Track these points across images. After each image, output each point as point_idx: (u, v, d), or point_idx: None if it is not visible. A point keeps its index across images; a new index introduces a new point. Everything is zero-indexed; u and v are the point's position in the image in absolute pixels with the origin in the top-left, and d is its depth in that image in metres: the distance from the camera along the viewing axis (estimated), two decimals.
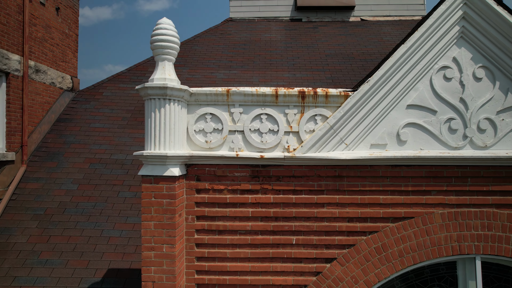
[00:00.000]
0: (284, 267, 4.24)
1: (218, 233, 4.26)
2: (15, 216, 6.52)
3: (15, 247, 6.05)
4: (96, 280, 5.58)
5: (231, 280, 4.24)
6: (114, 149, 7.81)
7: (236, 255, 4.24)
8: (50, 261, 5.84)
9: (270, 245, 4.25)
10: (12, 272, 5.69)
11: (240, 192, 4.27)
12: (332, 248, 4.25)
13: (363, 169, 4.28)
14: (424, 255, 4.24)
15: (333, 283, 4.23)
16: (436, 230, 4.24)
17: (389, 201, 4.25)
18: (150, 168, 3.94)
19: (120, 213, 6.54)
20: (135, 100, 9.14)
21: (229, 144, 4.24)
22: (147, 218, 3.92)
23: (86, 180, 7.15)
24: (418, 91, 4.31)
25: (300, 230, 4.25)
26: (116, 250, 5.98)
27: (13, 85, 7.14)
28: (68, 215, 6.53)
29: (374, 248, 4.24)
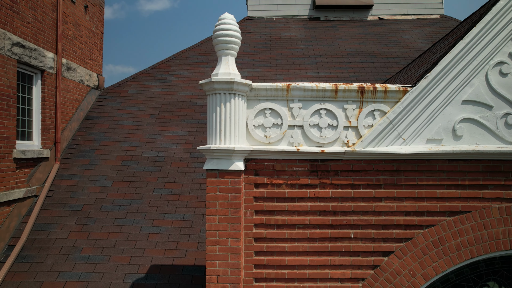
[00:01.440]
0: (342, 260, 4.27)
1: (277, 227, 4.28)
2: (53, 213, 6.53)
3: (56, 243, 6.06)
4: (140, 276, 5.60)
5: (289, 274, 4.26)
6: (144, 146, 7.83)
7: (294, 249, 4.27)
8: (92, 257, 5.86)
9: (328, 239, 4.28)
10: (56, 268, 5.70)
11: (298, 186, 4.30)
12: (390, 241, 4.28)
13: (420, 163, 4.31)
14: (482, 249, 4.27)
15: (390, 276, 4.26)
16: (493, 224, 4.28)
17: (446, 195, 4.28)
18: (215, 162, 3.97)
19: (157, 210, 6.56)
20: (161, 98, 9.16)
21: (288, 139, 4.26)
22: (212, 212, 3.94)
23: (119, 177, 7.17)
24: (473, 86, 4.35)
25: (358, 224, 4.28)
26: (157, 247, 5.99)
27: (47, 82, 7.15)
28: (105, 212, 6.54)
29: (431, 242, 4.27)
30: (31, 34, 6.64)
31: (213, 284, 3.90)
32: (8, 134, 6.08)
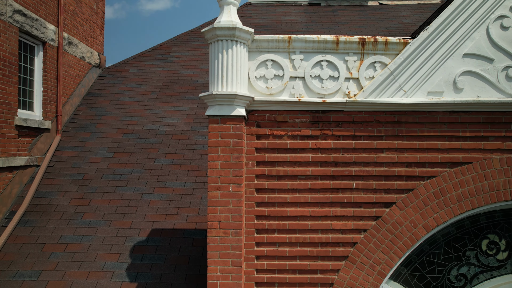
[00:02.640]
0: (343, 211, 4.28)
1: (278, 179, 4.29)
2: (54, 181, 6.53)
3: (58, 209, 6.06)
4: (141, 239, 5.60)
5: (291, 225, 4.27)
6: (146, 120, 7.84)
7: (296, 200, 4.28)
8: (93, 221, 5.86)
9: (330, 190, 4.29)
10: (58, 231, 5.71)
11: (300, 137, 4.31)
12: (391, 192, 4.29)
13: (421, 115, 4.33)
14: (483, 199, 4.28)
15: (392, 227, 4.27)
16: (494, 175, 4.29)
17: (447, 146, 4.30)
18: (217, 108, 3.98)
19: (158, 179, 6.56)
20: (162, 76, 9.18)
21: (289, 90, 4.28)
22: (214, 158, 3.96)
23: (120, 148, 7.18)
24: (474, 40, 4.36)
25: (359, 175, 4.29)
26: (158, 212, 6.00)
27: (49, 54, 7.17)
28: (106, 180, 6.55)
29: (433, 193, 4.28)
30: (32, 4, 6.66)
31: (215, 230, 3.91)
32: (9, 101, 6.09)
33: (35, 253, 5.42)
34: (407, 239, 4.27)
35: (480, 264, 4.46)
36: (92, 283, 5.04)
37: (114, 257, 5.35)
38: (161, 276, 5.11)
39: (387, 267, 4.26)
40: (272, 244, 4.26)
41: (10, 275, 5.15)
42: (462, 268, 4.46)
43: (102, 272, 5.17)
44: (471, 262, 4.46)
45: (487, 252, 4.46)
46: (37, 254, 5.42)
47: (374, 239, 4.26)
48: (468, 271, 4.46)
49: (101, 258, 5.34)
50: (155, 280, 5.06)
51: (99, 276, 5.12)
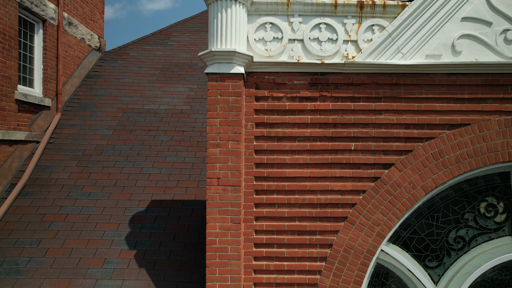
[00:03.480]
0: (342, 173, 4.29)
1: (277, 140, 4.31)
2: (54, 157, 6.55)
3: (58, 182, 6.08)
4: (140, 210, 5.62)
5: (290, 186, 4.29)
6: (146, 100, 7.86)
7: (295, 161, 4.29)
8: (93, 194, 5.88)
9: (328, 151, 4.31)
10: (57, 203, 5.72)
11: (299, 99, 4.33)
12: (390, 154, 4.30)
13: (419, 77, 4.34)
14: (481, 161, 4.30)
15: (391, 188, 4.28)
16: (492, 136, 4.30)
17: (445, 108, 4.31)
18: (217, 67, 4.00)
19: (158, 154, 6.58)
20: (162, 60, 9.20)
21: (288, 53, 4.29)
22: (213, 115, 3.97)
23: (120, 126, 7.20)
24: (473, 4, 4.37)
25: (358, 136, 4.31)
26: (157, 185, 6.02)
27: (49, 32, 7.19)
28: (106, 155, 6.57)
29: (431, 154, 4.29)
30: None
31: (214, 187, 3.93)
32: (10, 74, 6.11)
33: (35, 223, 5.44)
34: (406, 200, 4.28)
35: (478, 226, 4.47)
36: (92, 250, 5.05)
37: (113, 226, 5.37)
38: (160, 243, 5.12)
39: (386, 228, 4.27)
40: (271, 205, 4.28)
41: (10, 243, 5.16)
42: (461, 231, 4.47)
43: (101, 240, 5.18)
44: (469, 225, 4.47)
45: (485, 215, 4.47)
46: (37, 223, 5.43)
47: (373, 200, 4.27)
48: (466, 234, 4.47)
49: (100, 227, 5.35)
50: (154, 247, 5.07)
51: (99, 244, 5.13)
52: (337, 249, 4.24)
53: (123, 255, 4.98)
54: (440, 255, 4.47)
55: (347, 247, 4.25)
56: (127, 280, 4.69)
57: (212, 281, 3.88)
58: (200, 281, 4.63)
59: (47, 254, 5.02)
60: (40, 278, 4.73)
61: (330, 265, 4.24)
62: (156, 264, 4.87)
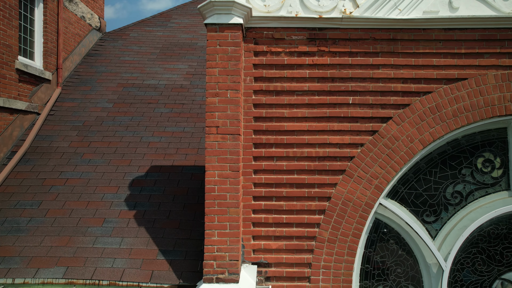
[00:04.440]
0: (340, 126, 4.33)
1: (276, 94, 4.34)
2: (54, 127, 6.58)
3: (58, 150, 6.11)
4: (140, 174, 5.65)
5: (288, 139, 4.32)
6: (146, 76, 7.90)
7: (293, 114, 4.32)
8: (93, 160, 5.91)
9: (327, 105, 4.34)
10: (58, 168, 5.76)
11: (297, 54, 4.36)
12: (388, 108, 4.34)
13: (416, 32, 4.38)
14: (478, 114, 4.33)
15: (389, 141, 4.31)
16: (489, 90, 4.34)
17: (442, 63, 4.35)
18: (216, 17, 4.04)
19: (158, 124, 6.61)
20: (162, 40, 9.25)
21: (286, 8, 4.33)
22: (212, 65, 4.01)
23: (120, 100, 7.23)
24: None
25: (356, 90, 4.34)
26: (157, 152, 6.05)
27: (49, 7, 7.23)
28: (106, 126, 6.60)
29: (429, 108, 4.33)
30: None
31: (213, 135, 3.96)
32: (10, 43, 6.15)
33: (35, 187, 5.47)
34: (404, 154, 4.31)
35: (475, 181, 4.50)
36: (92, 211, 5.08)
37: (113, 189, 5.40)
38: (160, 204, 5.15)
39: (384, 181, 4.30)
40: (270, 158, 4.31)
41: (11, 205, 5.19)
42: (458, 186, 4.50)
43: (101, 202, 5.21)
44: (466, 180, 4.50)
45: (482, 170, 4.50)
46: (37, 187, 5.46)
47: (371, 153, 4.30)
48: (463, 189, 4.50)
49: (100, 191, 5.39)
50: (153, 208, 5.11)
51: (98, 205, 5.16)
52: (336, 202, 4.27)
53: (122, 215, 5.01)
54: (438, 210, 4.50)
55: (346, 200, 4.28)
56: (126, 237, 4.72)
57: (210, 229, 3.91)
58: (199, 238, 4.66)
59: (47, 214, 5.04)
60: (41, 235, 4.76)
61: (328, 218, 4.27)
62: (156, 223, 4.90)
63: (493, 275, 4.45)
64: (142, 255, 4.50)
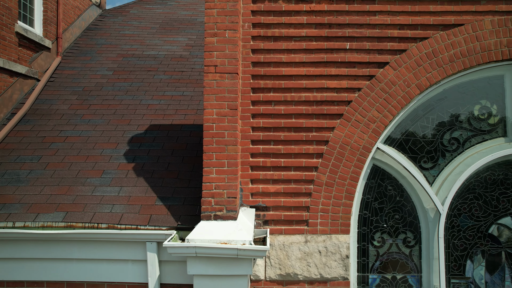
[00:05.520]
0: (338, 71, 4.36)
1: (274, 40, 4.38)
2: (54, 92, 6.62)
3: (58, 112, 6.15)
4: (139, 132, 5.68)
5: (286, 84, 4.35)
6: (145, 48, 7.94)
7: (291, 59, 4.36)
8: (92, 120, 5.94)
9: (324, 50, 4.38)
10: (57, 128, 5.79)
11: (295, 1, 4.39)
12: (385, 53, 4.37)
13: None
14: (474, 60, 4.36)
15: (386, 86, 4.35)
16: (486, 36, 4.37)
17: (439, 9, 4.38)
18: None
19: (157, 89, 6.65)
20: (162, 16, 9.32)
21: None
22: (211, 6, 4.05)
23: (120, 68, 7.27)
24: None
25: (353, 36, 4.37)
26: (156, 113, 6.08)
27: None
28: (106, 91, 6.64)
29: (425, 54, 4.36)
30: None
31: (211, 74, 3.99)
32: (10, 6, 6.19)
33: (35, 144, 5.50)
34: (401, 98, 4.34)
35: (472, 128, 4.53)
36: (91, 164, 5.11)
37: (112, 145, 5.42)
38: (159, 157, 5.18)
39: (381, 125, 4.33)
40: (268, 102, 4.34)
41: (11, 159, 5.22)
42: (455, 133, 4.53)
43: (100, 156, 5.24)
44: (463, 127, 4.53)
45: (479, 117, 4.53)
46: (37, 144, 5.49)
47: (368, 97, 4.34)
48: (460, 135, 4.52)
49: (99, 146, 5.41)
50: (152, 161, 5.13)
51: (97, 159, 5.19)
52: (333, 145, 4.30)
53: (121, 167, 5.04)
54: (435, 156, 4.53)
55: (343, 144, 4.31)
56: (125, 186, 4.75)
57: (208, 166, 3.94)
58: (197, 187, 4.68)
59: (47, 167, 5.07)
60: (41, 185, 4.79)
61: (326, 162, 4.30)
62: (154, 173, 4.93)
63: (490, 220, 4.47)
64: (141, 202, 4.53)
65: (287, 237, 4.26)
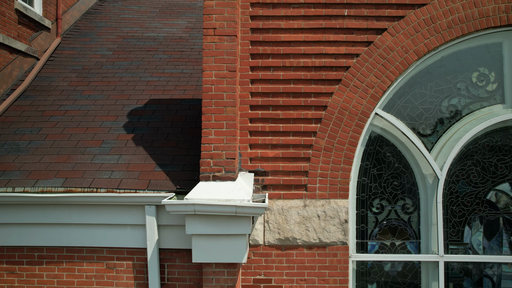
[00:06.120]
0: (336, 37, 4.38)
1: (272, 7, 4.39)
2: (54, 70, 6.64)
3: (58, 88, 6.16)
4: (139, 106, 5.69)
5: (284, 50, 4.37)
6: (145, 30, 7.97)
7: (289, 26, 4.37)
8: (92, 96, 5.96)
9: (322, 16, 4.39)
10: (57, 102, 5.80)
11: None
12: (383, 20, 4.39)
13: None
14: (472, 26, 4.38)
15: (384, 52, 4.36)
16: (484, 2, 4.38)
17: None
18: None
19: (157, 67, 6.67)
20: (162, 1, 9.34)
21: None
22: None
23: (120, 48, 7.29)
24: None
25: (351, 3, 4.39)
26: (155, 89, 6.10)
27: None
28: (106, 69, 6.66)
29: (423, 20, 4.37)
30: None
31: (210, 36, 4.01)
32: None
33: (35, 117, 5.51)
34: (399, 64, 4.36)
35: (470, 95, 4.54)
36: (90, 135, 5.12)
37: (111, 118, 5.44)
38: (158, 128, 5.20)
39: (379, 91, 4.35)
40: (267, 68, 4.36)
41: (11, 131, 5.23)
42: (453, 100, 4.54)
43: (99, 128, 5.25)
44: (461, 94, 4.55)
45: (477, 84, 4.55)
46: (37, 117, 5.50)
47: (367, 63, 4.35)
48: (458, 102, 4.54)
49: (99, 119, 5.42)
50: (151, 132, 5.15)
51: (97, 130, 5.20)
52: (332, 110, 4.32)
53: (120, 137, 5.05)
54: (433, 123, 4.54)
55: (342, 109, 4.32)
56: (124, 155, 4.76)
57: (207, 128, 3.96)
58: (196, 155, 4.68)
59: (46, 138, 5.09)
60: (40, 155, 4.80)
61: (325, 127, 4.31)
62: (153, 143, 4.94)
63: (488, 186, 4.48)
64: (140, 168, 4.54)
65: (286, 202, 4.27)
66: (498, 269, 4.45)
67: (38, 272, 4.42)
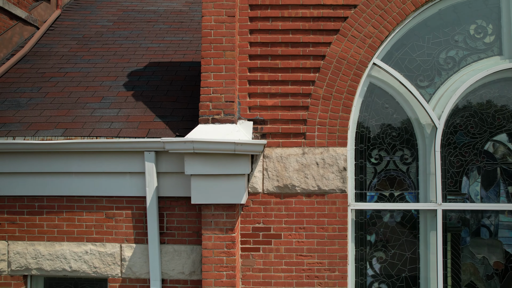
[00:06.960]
0: None
1: None
2: (54, 38, 6.67)
3: (58, 54, 6.19)
4: (139, 68, 5.72)
5: (283, 1, 4.39)
6: (145, 4, 8.01)
7: None
8: (92, 60, 5.99)
9: None
10: (58, 65, 5.83)
11: None
12: None
13: None
14: None
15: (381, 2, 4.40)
16: None
17: None
18: None
19: (157, 36, 6.70)
20: None
21: None
22: None
23: (120, 20, 7.33)
24: None
25: None
26: (155, 53, 6.13)
27: None
28: (106, 37, 6.69)
29: None
30: None
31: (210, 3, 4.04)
32: None
33: (35, 78, 5.54)
34: (396, 14, 4.39)
35: (468, 47, 4.57)
36: (90, 92, 5.15)
37: (111, 78, 5.47)
38: (158, 86, 5.23)
39: (377, 41, 4.37)
40: (265, 19, 4.39)
41: (11, 90, 5.26)
42: (451, 52, 4.57)
43: (99, 87, 5.28)
44: (459, 46, 4.57)
45: (474, 36, 4.57)
46: (37, 78, 5.53)
47: (364, 14, 4.38)
48: (456, 54, 4.57)
49: (99, 79, 5.46)
50: (151, 89, 5.18)
51: (97, 89, 5.23)
52: (330, 60, 4.35)
53: (120, 94, 5.08)
54: (431, 75, 4.57)
55: (340, 58, 4.35)
56: (124, 108, 4.79)
57: (206, 71, 3.99)
58: (195, 108, 4.72)
59: (47, 96, 5.12)
60: (40, 110, 4.83)
61: (323, 76, 4.34)
62: (153, 98, 4.97)
63: (485, 137, 4.51)
64: (139, 119, 4.57)
65: (285, 150, 4.29)
66: (495, 219, 4.47)
67: (38, 222, 4.45)
